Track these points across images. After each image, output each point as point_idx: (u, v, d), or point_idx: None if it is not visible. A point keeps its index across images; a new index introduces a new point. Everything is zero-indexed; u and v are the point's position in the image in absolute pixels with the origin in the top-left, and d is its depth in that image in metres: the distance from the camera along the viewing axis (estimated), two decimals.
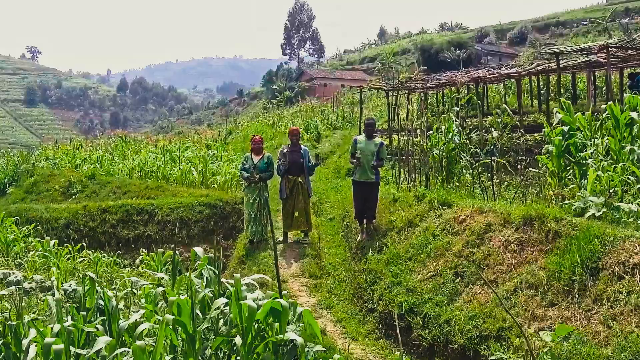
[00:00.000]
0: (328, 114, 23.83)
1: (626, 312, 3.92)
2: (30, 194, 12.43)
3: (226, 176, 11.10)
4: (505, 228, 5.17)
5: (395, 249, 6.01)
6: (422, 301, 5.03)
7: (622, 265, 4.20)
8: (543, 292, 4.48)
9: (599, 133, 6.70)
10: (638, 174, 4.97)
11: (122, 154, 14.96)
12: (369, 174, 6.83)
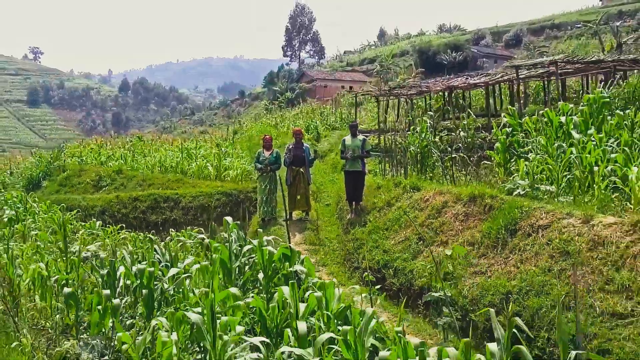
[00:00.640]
0: (327, 115, 25.63)
1: (530, 257, 5.64)
2: (64, 187, 14.12)
3: (237, 170, 12.85)
4: (456, 204, 6.89)
5: (376, 223, 7.74)
6: (393, 259, 6.74)
7: (531, 226, 5.91)
8: (478, 247, 6.19)
9: (541, 133, 8.42)
10: (551, 164, 6.68)
11: (141, 152, 16.69)
12: (357, 165, 8.60)
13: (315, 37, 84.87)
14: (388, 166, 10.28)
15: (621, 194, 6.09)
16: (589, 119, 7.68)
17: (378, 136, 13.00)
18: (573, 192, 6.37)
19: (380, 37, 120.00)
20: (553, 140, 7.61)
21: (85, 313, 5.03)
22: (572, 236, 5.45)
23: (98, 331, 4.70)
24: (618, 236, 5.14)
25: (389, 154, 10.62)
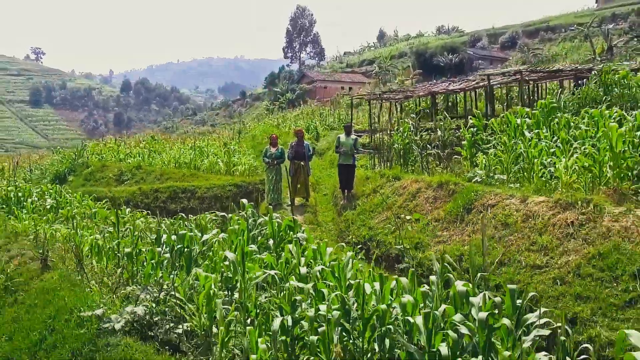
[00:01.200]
0: (326, 116, 27.27)
1: (480, 228, 7.23)
2: (89, 181, 15.71)
3: (245, 166, 14.48)
4: (428, 190, 8.51)
5: (363, 206, 9.35)
6: (376, 233, 8.35)
7: (482, 205, 7.52)
8: (442, 222, 7.81)
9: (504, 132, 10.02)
10: (503, 158, 8.28)
11: (155, 150, 18.30)
12: (349, 159, 10.22)
13: (315, 38, 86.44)
14: (377, 161, 11.90)
15: (557, 180, 7.70)
16: (541, 120, 9.29)
17: (370, 135, 14.63)
18: (520, 179, 7.99)
19: (380, 38, 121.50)
20: (511, 138, 9.22)
21: (140, 268, 6.63)
22: (511, 212, 7.06)
23: (151, 280, 6.30)
24: (544, 211, 6.75)
25: (379, 151, 12.25)
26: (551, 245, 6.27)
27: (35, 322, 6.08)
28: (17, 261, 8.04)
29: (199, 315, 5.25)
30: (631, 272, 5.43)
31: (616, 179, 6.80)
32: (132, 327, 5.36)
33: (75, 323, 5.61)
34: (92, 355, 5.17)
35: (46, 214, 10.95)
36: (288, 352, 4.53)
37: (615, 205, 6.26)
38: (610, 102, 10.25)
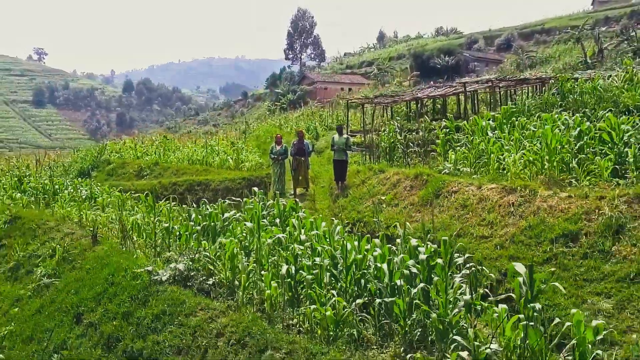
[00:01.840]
0: (325, 117, 29.08)
1: (444, 210, 9.03)
2: (111, 176, 17.48)
3: (252, 162, 16.28)
4: (406, 180, 10.30)
5: (354, 194, 11.13)
6: (364, 216, 10.14)
7: (447, 192, 9.31)
8: (416, 206, 9.59)
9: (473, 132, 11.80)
10: (468, 155, 10.07)
11: (169, 148, 20.11)
12: (342, 155, 12.02)
13: (316, 40, 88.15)
14: (368, 157, 13.69)
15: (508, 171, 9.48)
16: (502, 122, 11.08)
17: (363, 135, 16.39)
18: (480, 171, 9.78)
19: (380, 39, 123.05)
20: (479, 137, 11.01)
21: (174, 240, 8.42)
22: (469, 196, 8.85)
23: (185, 247, 8.09)
24: (493, 195, 8.54)
25: (369, 148, 14.05)
26: (496, 220, 8.06)
27: (96, 280, 7.88)
28: (70, 238, 9.85)
29: (225, 270, 7.03)
30: (550, 238, 7.22)
31: (551, 170, 8.59)
32: (174, 280, 7.16)
33: (130, 277, 7.40)
34: (146, 298, 6.97)
35: (82, 203, 12.74)
36: (291, 290, 6.32)
37: (546, 190, 8.05)
38: (565, 107, 12.03)
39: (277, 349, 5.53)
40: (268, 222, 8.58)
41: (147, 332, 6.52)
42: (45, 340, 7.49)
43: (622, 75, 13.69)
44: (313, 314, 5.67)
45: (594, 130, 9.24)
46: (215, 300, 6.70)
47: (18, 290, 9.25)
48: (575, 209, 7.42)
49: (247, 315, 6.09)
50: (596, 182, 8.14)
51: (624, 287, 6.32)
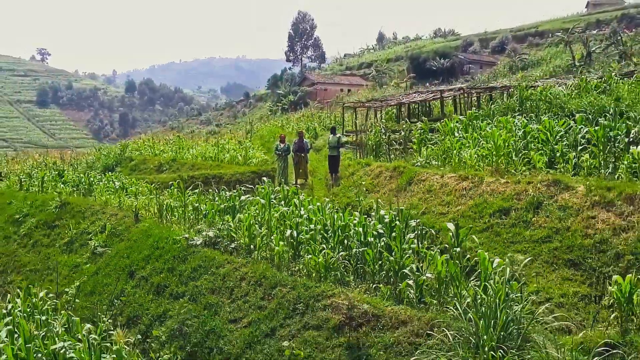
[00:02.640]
0: (324, 118, 31.47)
1: (414, 195, 11.40)
2: (134, 171, 19.82)
3: (258, 159, 18.68)
4: (386, 171, 12.66)
5: (345, 184, 13.51)
6: (352, 200, 12.50)
7: (418, 180, 11.68)
8: (393, 192, 11.96)
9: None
10: (437, 151, 12.41)
11: (183, 146, 22.50)
12: (335, 152, 14.42)
13: (316, 42, 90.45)
14: (358, 154, 16.09)
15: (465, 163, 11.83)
16: (467, 125, 13.43)
17: (355, 135, 18.76)
18: (445, 164, 12.14)
19: (380, 40, 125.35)
20: (448, 137, 13.37)
21: (202, 217, 10.77)
22: (434, 183, 11.21)
23: (211, 223, 10.44)
24: (452, 182, 10.90)
25: (360, 146, 16.44)
26: (452, 201, 10.43)
27: (143, 246, 10.24)
28: (114, 218, 12.22)
29: (244, 237, 9.38)
30: (489, 213, 9.58)
31: (497, 162, 10.95)
32: (205, 244, 9.51)
33: (172, 243, 9.76)
34: (185, 257, 9.32)
35: (116, 192, 15.09)
36: (293, 248, 8.68)
37: (491, 177, 10.41)
38: (523, 111, 14.37)
39: (284, 285, 7.88)
40: (276, 202, 10.94)
41: (188, 280, 8.88)
42: (105, 292, 9.86)
43: (575, 84, 16.07)
44: (309, 262, 8.02)
45: (535, 131, 11.59)
46: (238, 257, 9.05)
47: (75, 259, 11.62)
48: (509, 191, 9.78)
49: (262, 265, 8.44)
50: (531, 172, 10.49)
51: (537, 247, 8.68)
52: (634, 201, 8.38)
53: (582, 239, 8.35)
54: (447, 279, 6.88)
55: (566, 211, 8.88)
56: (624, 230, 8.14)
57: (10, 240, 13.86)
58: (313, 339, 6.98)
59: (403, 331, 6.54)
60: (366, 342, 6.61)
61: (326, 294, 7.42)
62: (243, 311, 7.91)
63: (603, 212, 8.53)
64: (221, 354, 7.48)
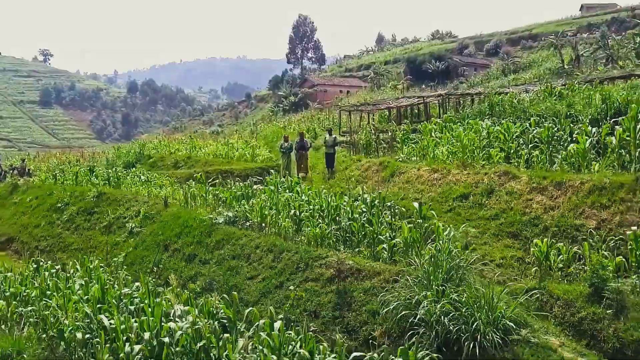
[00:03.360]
0: (323, 120, 33.94)
1: (396, 185, 13.82)
2: (153, 168, 22.19)
3: (264, 156, 21.11)
4: (374, 166, 15.08)
5: (339, 177, 15.94)
6: (345, 190, 14.91)
7: (399, 173, 14.10)
8: (380, 183, 14.37)
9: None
10: (416, 149, 14.82)
11: (196, 145, 24.93)
12: (331, 150, 16.88)
13: (316, 45, 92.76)
14: (352, 151, 18.52)
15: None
16: (443, 127, 15.84)
17: (349, 135, 21.15)
18: (422, 159, 14.56)
19: (379, 42, 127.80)
20: (427, 137, 15.77)
21: (221, 202, 13.15)
22: (411, 175, 13.62)
23: (230, 206, 12.83)
24: (425, 174, 13.32)
25: (354, 145, 18.87)
26: (424, 189, 12.83)
27: (174, 225, 12.64)
28: (146, 204, 14.62)
29: (256, 216, 11.77)
30: (453, 197, 11.98)
31: (463, 158, 13.36)
32: (226, 222, 11.89)
33: (198, 222, 12.15)
34: (210, 232, 11.71)
35: (142, 184, 17.49)
36: (296, 223, 11.07)
37: (457, 169, 12.81)
38: (492, 115, 16.76)
39: (289, 251, 10.26)
40: (282, 190, 13.34)
41: (213, 250, 11.28)
42: (144, 262, 12.27)
43: (542, 90, 18.45)
44: (309, 234, 10.41)
45: (496, 132, 14.00)
46: (252, 232, 11.44)
47: (115, 238, 14.03)
48: (470, 180, 12.19)
49: (272, 237, 10.84)
50: (489, 165, 12.89)
51: (487, 223, 11.08)
52: (561, 187, 10.79)
53: (521, 216, 10.77)
54: (411, 242, 9.28)
55: (511, 195, 11.30)
56: (552, 209, 10.56)
57: (54, 225, 16.27)
58: (311, 287, 9.36)
59: (377, 279, 8.91)
60: (351, 288, 8.99)
61: (321, 256, 9.80)
62: (258, 271, 10.30)
63: (538, 196, 10.95)
64: (242, 302, 9.86)
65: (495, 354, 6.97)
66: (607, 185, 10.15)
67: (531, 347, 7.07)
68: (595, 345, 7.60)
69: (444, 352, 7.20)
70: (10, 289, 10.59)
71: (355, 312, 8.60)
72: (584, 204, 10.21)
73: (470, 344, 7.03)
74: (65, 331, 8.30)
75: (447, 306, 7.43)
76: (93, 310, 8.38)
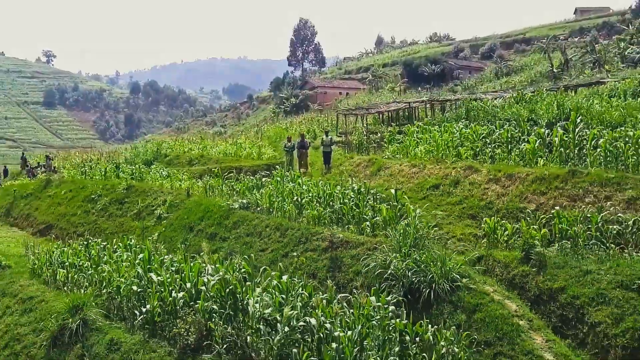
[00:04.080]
0: (322, 122, 36.62)
1: (381, 178, 16.46)
2: (169, 165, 24.81)
3: (269, 154, 23.75)
4: (364, 162, 17.72)
5: (335, 172, 18.57)
6: (339, 183, 17.54)
7: (385, 168, 16.72)
8: (368, 176, 17.01)
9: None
10: (400, 148, 17.45)
11: (207, 145, 27.58)
12: (327, 148, 19.53)
13: (316, 48, 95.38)
14: (346, 150, 21.16)
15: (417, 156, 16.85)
16: (423, 129, 18.47)
17: (345, 136, 23.75)
18: (404, 156, 17.20)
19: (378, 44, 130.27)
20: (410, 137, 18.39)
21: (235, 192, 15.75)
22: (395, 170, 16.26)
23: (243, 195, 15.45)
24: (406, 168, 15.96)
25: (348, 144, 21.53)
26: (404, 181, 15.46)
27: (197, 211, 15.26)
28: (171, 195, 17.24)
29: (265, 203, 14.39)
30: (426, 187, 14.61)
31: (438, 155, 15.98)
32: (240, 207, 14.51)
33: (217, 207, 14.77)
34: (227, 215, 14.33)
35: (164, 179, 20.10)
36: (298, 207, 13.71)
37: (431, 164, 15.43)
38: (468, 119, 19.37)
39: (293, 229, 12.87)
40: (286, 182, 15.95)
41: (231, 229, 13.90)
42: (172, 241, 14.88)
43: (514, 96, 21.07)
44: (308, 215, 13.02)
45: (466, 133, 16.62)
46: (262, 215, 14.05)
47: (145, 223, 16.64)
48: (441, 173, 14.81)
49: (279, 218, 13.46)
50: (458, 161, 15.50)
51: (453, 207, 13.70)
52: (512, 178, 13.42)
53: (479, 201, 13.39)
54: (388, 220, 11.90)
55: (473, 185, 13.92)
56: (503, 195, 13.18)
57: (89, 213, 18.91)
58: (310, 256, 11.98)
59: (362, 248, 11.52)
60: (341, 255, 11.60)
61: (318, 232, 12.41)
62: (268, 244, 12.93)
63: (493, 185, 13.58)
64: (256, 269, 12.48)
65: (445, 298, 9.56)
66: (546, 177, 12.77)
67: (471, 292, 9.65)
68: (522, 294, 10.19)
69: (409, 298, 9.78)
70: (68, 260, 13.23)
71: (343, 273, 11.21)
72: (528, 191, 12.83)
73: (427, 291, 9.60)
74: (121, 287, 10.94)
75: (411, 264, 10.00)
76: (144, 269, 11.01)
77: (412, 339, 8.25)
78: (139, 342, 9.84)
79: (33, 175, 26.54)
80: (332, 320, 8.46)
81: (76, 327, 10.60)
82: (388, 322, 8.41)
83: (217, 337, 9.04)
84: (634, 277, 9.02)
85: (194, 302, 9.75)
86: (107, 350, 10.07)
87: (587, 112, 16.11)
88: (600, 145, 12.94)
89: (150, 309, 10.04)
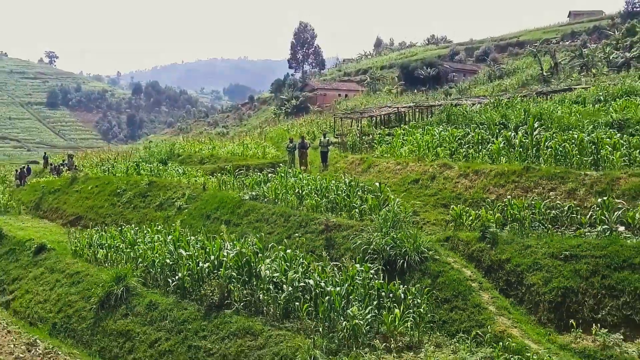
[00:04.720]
0: (321, 124, 39.30)
1: (372, 174, 19.09)
2: (182, 164, 27.41)
3: (273, 154, 26.38)
4: (356, 160, 20.34)
5: (331, 169, 21.18)
6: (334, 177, 20.16)
7: (375, 165, 19.35)
8: (360, 172, 19.64)
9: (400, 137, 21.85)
10: (388, 148, 20.07)
11: (215, 145, 30.20)
12: (325, 148, 22.15)
13: (316, 50, 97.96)
14: (341, 150, 23.81)
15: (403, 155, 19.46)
16: (409, 132, 21.08)
17: (341, 137, 26.37)
18: (392, 155, 19.83)
19: (377, 46, 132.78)
20: (398, 139, 21.01)
21: (244, 186, 18.35)
22: (383, 167, 18.88)
23: (252, 188, 18.06)
24: (392, 166, 18.59)
25: (344, 145, 24.17)
26: (390, 176, 18.07)
27: (213, 202, 17.89)
28: (189, 189, 19.84)
29: (271, 195, 17.00)
30: (408, 182, 17.23)
31: (419, 154, 18.60)
32: (250, 199, 17.12)
33: (230, 199, 17.37)
34: (239, 205, 16.96)
35: (181, 175, 22.70)
36: (299, 198, 16.33)
37: (413, 162, 18.05)
38: (449, 123, 21.97)
39: (295, 215, 15.47)
40: (289, 177, 18.56)
41: (243, 217, 16.50)
42: (192, 227, 17.49)
43: (492, 101, 23.68)
44: (307, 204, 15.61)
45: (444, 136, 19.23)
46: (269, 204, 16.64)
47: (166, 213, 19.24)
48: (420, 169, 17.43)
49: (283, 207, 16.06)
50: (436, 159, 18.10)
51: (429, 198, 16.31)
52: (478, 173, 16.03)
53: (450, 193, 15.99)
54: (373, 207, 14.51)
55: (446, 180, 16.53)
56: (470, 188, 15.80)
57: (115, 205, 21.52)
58: (309, 237, 14.58)
59: (352, 230, 14.09)
60: (334, 236, 14.20)
61: (316, 218, 15.01)
62: (274, 229, 15.54)
63: (463, 179, 16.19)
64: (264, 247, 15.10)
65: (415, 267, 12.12)
66: (505, 172, 15.38)
67: (436, 262, 12.22)
68: (478, 265, 12.74)
69: (387, 268, 12.35)
70: (107, 242, 15.85)
71: (336, 249, 13.81)
72: (490, 184, 15.44)
73: (402, 262, 12.15)
74: (156, 261, 13.56)
75: (389, 241, 12.56)
76: (175, 246, 13.63)
77: (387, 295, 10.77)
78: (172, 302, 12.47)
79: (58, 173, 29.10)
80: (325, 280, 11.05)
81: (120, 293, 13.21)
82: (368, 281, 10.97)
83: (236, 297, 11.67)
84: (562, 249, 11.57)
85: (217, 270, 12.33)
86: (147, 309, 12.69)
87: (549, 117, 18.73)
88: (551, 146, 15.53)
89: (181, 276, 12.63)
